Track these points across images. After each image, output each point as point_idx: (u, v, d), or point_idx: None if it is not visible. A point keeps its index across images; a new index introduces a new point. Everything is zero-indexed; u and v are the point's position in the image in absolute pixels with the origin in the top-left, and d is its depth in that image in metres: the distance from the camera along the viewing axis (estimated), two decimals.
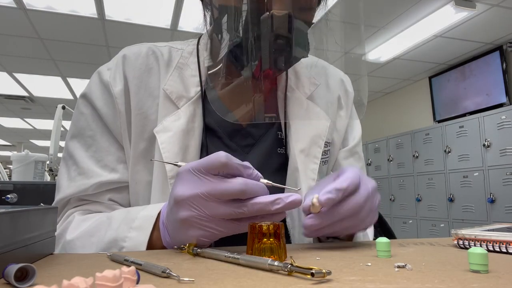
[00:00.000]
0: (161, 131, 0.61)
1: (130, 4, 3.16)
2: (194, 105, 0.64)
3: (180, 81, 0.65)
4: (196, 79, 0.66)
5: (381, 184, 4.89)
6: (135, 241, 0.50)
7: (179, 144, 0.60)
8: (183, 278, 0.29)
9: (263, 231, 0.38)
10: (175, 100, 0.63)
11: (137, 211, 0.53)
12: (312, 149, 0.67)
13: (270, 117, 0.68)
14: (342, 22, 0.64)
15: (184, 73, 0.66)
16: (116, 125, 0.63)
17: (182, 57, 0.68)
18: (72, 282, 0.19)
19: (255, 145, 0.67)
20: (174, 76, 0.65)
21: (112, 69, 0.66)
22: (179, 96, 0.64)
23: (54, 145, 2.61)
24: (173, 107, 0.63)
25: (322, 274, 0.29)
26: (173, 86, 0.64)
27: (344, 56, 0.67)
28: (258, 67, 0.55)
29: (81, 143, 0.63)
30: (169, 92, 0.63)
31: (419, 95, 5.18)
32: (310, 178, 0.65)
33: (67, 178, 0.62)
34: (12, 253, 0.33)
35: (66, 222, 0.60)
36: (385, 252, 0.40)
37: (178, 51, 0.69)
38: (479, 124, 3.60)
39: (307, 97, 0.71)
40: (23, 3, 3.09)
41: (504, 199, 3.31)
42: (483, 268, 0.32)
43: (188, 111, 0.63)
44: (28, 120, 7.27)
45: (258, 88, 0.60)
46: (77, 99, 0.68)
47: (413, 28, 3.57)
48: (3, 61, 4.36)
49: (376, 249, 0.41)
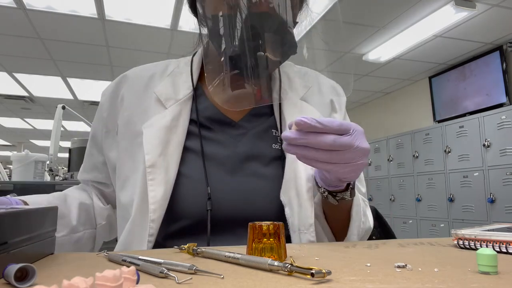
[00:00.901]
0: (147, 127, 0.66)
1: (130, 4, 3.16)
2: (181, 106, 0.68)
3: (171, 86, 0.71)
4: (188, 84, 0.71)
5: (381, 184, 4.89)
6: None
7: (159, 138, 0.64)
8: (182, 279, 0.29)
9: (263, 231, 0.38)
10: (164, 102, 0.69)
11: None
12: None
13: (262, 102, 0.70)
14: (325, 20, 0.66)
15: (177, 80, 0.72)
16: (103, 133, 0.74)
17: (177, 67, 0.75)
18: (72, 282, 0.19)
19: (246, 134, 0.69)
20: (166, 82, 0.71)
21: (108, 88, 0.76)
22: (168, 98, 0.69)
23: (54, 145, 2.61)
24: (162, 107, 0.68)
25: (322, 274, 0.29)
26: (164, 89, 0.70)
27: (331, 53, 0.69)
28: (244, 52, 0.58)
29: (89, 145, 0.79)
30: (159, 95, 0.69)
31: (419, 95, 5.18)
32: (308, 168, 0.65)
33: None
34: (12, 253, 0.33)
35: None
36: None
37: (175, 62, 0.76)
38: (479, 124, 3.60)
39: (300, 98, 0.73)
40: (23, 3, 3.09)
41: (504, 199, 3.31)
42: (493, 270, 0.31)
43: (174, 111, 0.67)
44: (28, 120, 7.27)
45: (250, 72, 0.61)
46: None
47: (413, 28, 3.57)
48: (3, 61, 4.36)
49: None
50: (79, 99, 5.89)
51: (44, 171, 2.49)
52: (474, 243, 0.45)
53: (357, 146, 0.49)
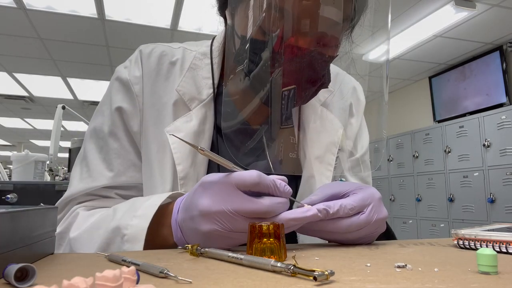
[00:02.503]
0: (172, 131, 0.61)
1: (130, 4, 3.16)
2: (205, 108, 0.64)
3: (192, 83, 0.65)
4: (209, 81, 0.66)
5: (381, 184, 4.89)
6: (136, 228, 0.49)
7: (189, 146, 0.60)
8: (181, 278, 0.29)
9: (263, 231, 0.38)
10: (188, 102, 0.64)
11: (141, 201, 0.54)
12: (327, 156, 0.67)
13: (286, 126, 0.67)
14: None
15: (197, 74, 0.66)
16: (135, 122, 0.64)
17: (195, 58, 0.67)
18: (72, 282, 0.19)
19: (264, 148, 0.66)
20: (187, 78, 0.65)
21: (129, 67, 0.66)
22: (192, 98, 0.64)
23: (54, 145, 2.61)
24: (185, 108, 0.64)
25: (325, 276, 0.28)
26: (186, 87, 0.65)
27: (357, 58, 0.68)
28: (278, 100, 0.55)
29: (96, 145, 0.65)
30: (182, 94, 0.64)
31: (419, 95, 5.17)
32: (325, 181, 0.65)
33: (78, 178, 0.64)
34: (12, 253, 0.33)
35: (72, 217, 0.61)
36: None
37: (191, 52, 0.69)
38: (479, 124, 3.60)
39: (321, 103, 0.71)
40: (23, 3, 3.09)
41: (504, 199, 3.31)
42: (493, 270, 0.31)
43: (200, 113, 0.63)
44: (28, 120, 7.27)
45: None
46: (101, 98, 0.69)
47: (413, 28, 3.57)
48: (3, 61, 4.36)
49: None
50: (79, 99, 5.89)
51: (44, 171, 2.49)
52: (474, 243, 0.45)
53: (374, 221, 0.48)
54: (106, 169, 0.63)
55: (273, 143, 0.63)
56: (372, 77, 0.71)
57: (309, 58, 0.54)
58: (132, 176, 0.64)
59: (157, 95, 0.65)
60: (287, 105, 0.56)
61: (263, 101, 0.56)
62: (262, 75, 0.54)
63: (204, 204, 0.43)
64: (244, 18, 0.56)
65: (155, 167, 0.62)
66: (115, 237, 0.51)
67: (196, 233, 0.44)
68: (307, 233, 0.49)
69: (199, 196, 0.44)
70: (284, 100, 0.55)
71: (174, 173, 0.60)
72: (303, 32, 0.53)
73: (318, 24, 0.53)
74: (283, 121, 0.62)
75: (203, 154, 0.46)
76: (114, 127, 0.64)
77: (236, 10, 0.59)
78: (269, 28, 0.53)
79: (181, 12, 3.29)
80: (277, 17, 0.52)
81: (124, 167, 0.63)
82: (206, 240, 0.44)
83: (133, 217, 0.51)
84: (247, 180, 0.43)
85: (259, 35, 0.54)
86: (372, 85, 0.71)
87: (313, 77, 0.56)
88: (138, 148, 0.65)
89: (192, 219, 0.44)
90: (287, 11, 0.52)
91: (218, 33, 0.72)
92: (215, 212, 0.42)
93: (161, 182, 0.60)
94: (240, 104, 0.60)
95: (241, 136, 0.62)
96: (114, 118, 0.64)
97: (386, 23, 0.64)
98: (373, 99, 0.66)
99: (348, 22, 0.58)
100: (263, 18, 0.53)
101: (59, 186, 2.10)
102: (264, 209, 0.43)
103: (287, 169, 0.66)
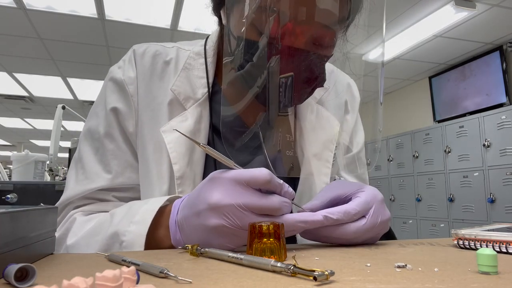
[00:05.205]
0: (168, 131, 0.61)
1: (130, 4, 3.16)
2: (201, 107, 0.64)
3: (187, 82, 0.65)
4: (203, 81, 0.66)
5: (381, 184, 4.89)
6: (134, 234, 0.49)
7: (186, 145, 0.60)
8: (181, 278, 0.29)
9: (263, 231, 0.38)
10: (183, 101, 0.64)
11: (139, 205, 0.53)
12: (324, 153, 0.67)
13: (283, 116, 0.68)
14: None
15: (192, 74, 0.66)
16: (131, 123, 0.64)
17: (189, 58, 0.67)
18: (72, 282, 0.19)
19: (261, 146, 0.66)
20: (181, 77, 0.65)
21: (123, 67, 0.66)
22: (187, 97, 0.64)
23: (54, 145, 2.61)
24: (181, 108, 0.64)
25: (325, 276, 0.28)
26: (181, 87, 0.64)
27: (352, 57, 0.68)
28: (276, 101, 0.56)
29: (91, 146, 0.64)
30: (177, 93, 0.64)
31: (419, 95, 5.17)
32: (324, 182, 0.65)
33: (74, 180, 0.63)
34: (12, 253, 0.33)
35: (68, 223, 0.60)
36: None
37: (185, 52, 0.69)
38: (479, 124, 3.60)
39: (317, 101, 0.71)
40: (23, 3, 3.09)
41: (504, 199, 3.31)
42: (493, 270, 0.31)
43: (195, 113, 0.63)
44: (28, 120, 7.27)
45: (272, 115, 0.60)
46: (95, 99, 0.68)
47: (413, 28, 3.57)
48: (3, 61, 4.36)
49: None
50: (79, 99, 5.89)
51: (44, 171, 2.49)
52: (474, 243, 0.45)
53: (379, 223, 0.48)
54: (102, 171, 0.62)
55: (270, 142, 0.63)
56: (367, 76, 0.71)
57: (305, 57, 0.54)
58: (129, 177, 0.63)
59: (152, 95, 0.64)
60: (283, 103, 0.56)
61: (259, 100, 0.56)
62: (258, 73, 0.54)
63: (214, 197, 0.43)
64: (240, 17, 0.56)
65: (152, 167, 0.61)
66: (113, 243, 0.51)
67: (200, 230, 0.44)
68: (312, 238, 0.49)
69: (208, 190, 0.44)
70: (281, 98, 0.56)
71: (171, 172, 0.60)
72: (300, 29, 0.53)
73: (314, 15, 0.53)
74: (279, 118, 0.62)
75: (204, 150, 0.46)
76: (109, 128, 0.64)
77: (232, 9, 0.59)
78: (264, 27, 0.53)
79: (181, 12, 3.29)
80: (273, 15, 0.52)
81: (121, 168, 0.63)
82: (209, 237, 0.43)
83: (131, 223, 0.50)
84: (259, 178, 0.43)
85: (254, 34, 0.54)
86: (367, 85, 0.71)
87: (309, 76, 0.57)
88: (134, 149, 0.64)
89: (198, 215, 0.44)
90: (283, 10, 0.52)
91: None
92: (225, 206, 0.42)
93: (158, 182, 0.60)
94: (236, 102, 0.60)
95: (238, 135, 0.62)
96: (109, 119, 0.64)
97: (381, 21, 0.64)
98: (370, 100, 0.66)
99: (344, 22, 0.58)
100: (259, 16, 0.53)
101: (59, 186, 2.10)
102: (276, 205, 0.43)
103: (285, 167, 0.66)
